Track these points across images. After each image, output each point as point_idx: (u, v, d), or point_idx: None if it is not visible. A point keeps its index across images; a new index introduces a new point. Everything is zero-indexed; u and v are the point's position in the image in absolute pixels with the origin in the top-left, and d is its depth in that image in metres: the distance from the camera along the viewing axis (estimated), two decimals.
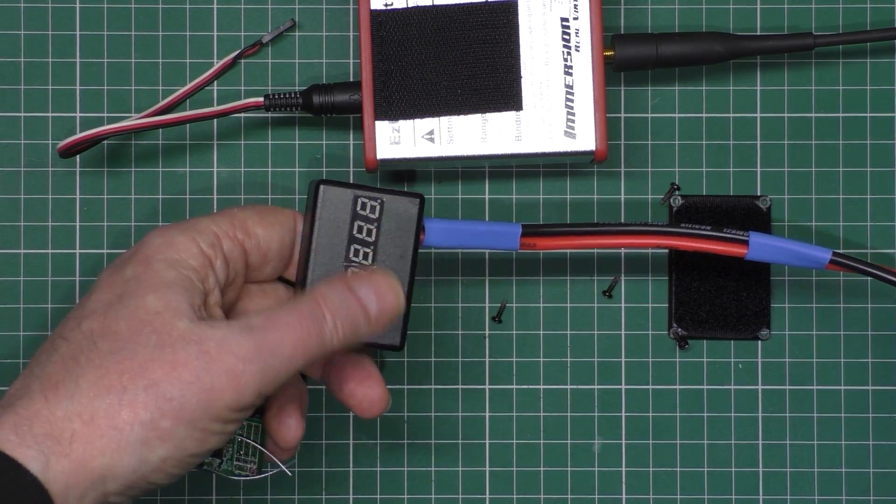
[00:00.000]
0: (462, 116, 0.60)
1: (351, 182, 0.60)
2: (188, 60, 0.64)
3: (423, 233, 0.56)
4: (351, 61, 0.64)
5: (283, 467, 0.57)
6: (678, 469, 0.65)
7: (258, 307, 0.57)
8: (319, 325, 0.51)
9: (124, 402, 0.49)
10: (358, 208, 0.55)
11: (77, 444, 0.49)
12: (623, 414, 0.64)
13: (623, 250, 0.65)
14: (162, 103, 0.63)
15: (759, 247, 0.58)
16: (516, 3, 0.60)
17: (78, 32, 0.64)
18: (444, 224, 0.57)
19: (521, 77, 0.60)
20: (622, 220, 0.64)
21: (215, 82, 0.64)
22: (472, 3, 0.60)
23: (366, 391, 0.56)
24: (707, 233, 0.59)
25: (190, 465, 0.51)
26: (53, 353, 0.51)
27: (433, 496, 0.65)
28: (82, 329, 0.51)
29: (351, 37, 0.64)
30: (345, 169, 0.64)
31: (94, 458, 0.49)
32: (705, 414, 0.65)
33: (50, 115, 0.64)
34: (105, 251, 0.64)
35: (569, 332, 0.65)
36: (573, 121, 0.60)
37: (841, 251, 0.61)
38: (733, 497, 0.65)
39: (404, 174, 0.64)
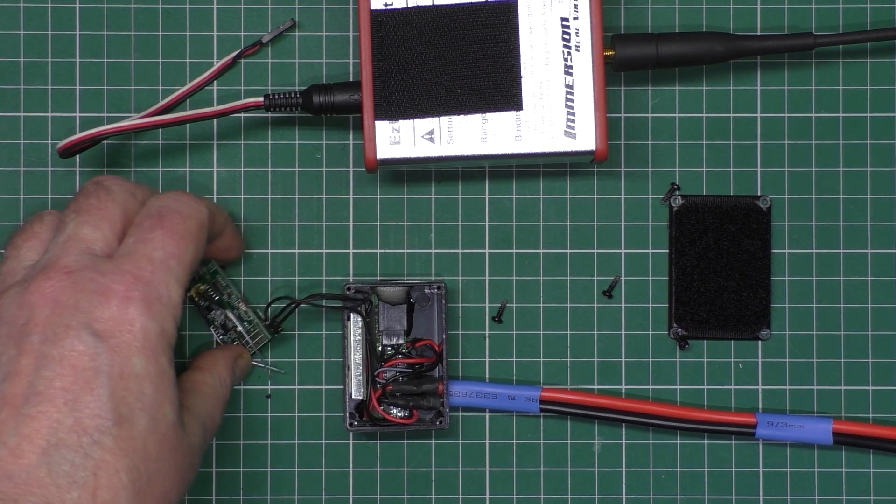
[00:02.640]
0: (462, 116, 0.60)
1: None
2: (188, 60, 0.64)
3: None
4: (351, 61, 0.64)
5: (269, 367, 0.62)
6: (678, 469, 0.65)
7: None
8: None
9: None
10: None
11: None
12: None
13: (623, 250, 0.65)
14: (162, 103, 0.63)
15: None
16: (516, 3, 0.60)
17: (78, 32, 0.64)
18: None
19: (521, 77, 0.60)
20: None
21: (215, 82, 0.64)
22: (472, 3, 0.60)
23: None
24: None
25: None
26: None
27: (433, 496, 0.64)
28: None
29: (351, 37, 0.64)
30: (345, 169, 0.64)
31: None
32: None
33: (50, 115, 0.64)
34: None
35: (569, 332, 0.65)
36: (573, 121, 0.60)
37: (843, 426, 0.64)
38: (733, 497, 0.65)
39: (403, 175, 0.65)
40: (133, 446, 0.50)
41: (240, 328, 0.62)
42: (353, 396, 0.63)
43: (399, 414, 0.63)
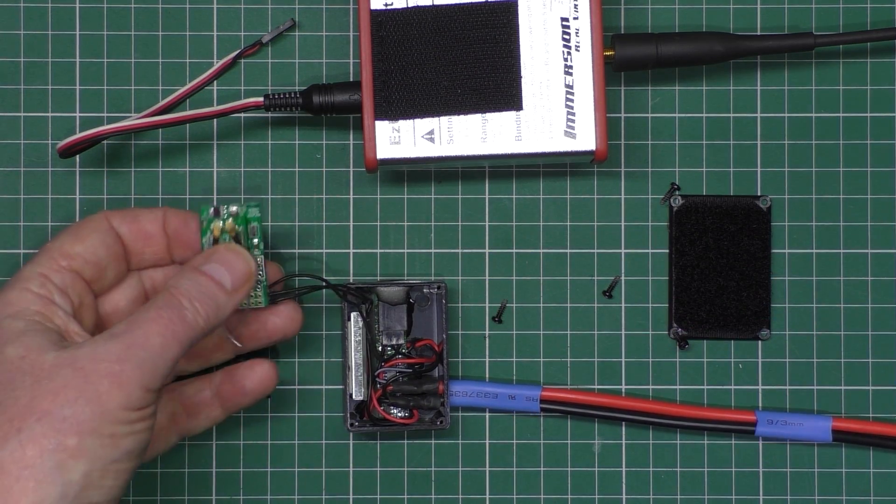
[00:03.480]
0: (462, 116, 0.60)
1: None
2: (188, 60, 0.64)
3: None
4: (351, 61, 0.64)
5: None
6: (678, 469, 0.65)
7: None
8: (179, 311, 0.54)
9: (24, 441, 0.50)
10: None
11: None
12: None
13: (623, 250, 0.65)
14: (162, 103, 0.63)
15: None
16: (516, 3, 0.60)
17: (78, 32, 0.64)
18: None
19: (521, 77, 0.60)
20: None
21: (215, 82, 0.64)
22: (472, 3, 0.60)
23: (252, 369, 0.60)
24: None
25: (120, 472, 0.52)
26: None
27: (433, 496, 0.64)
28: None
29: (351, 37, 0.64)
30: (345, 169, 0.64)
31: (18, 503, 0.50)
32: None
33: (50, 114, 0.64)
34: None
35: (569, 332, 0.65)
36: (573, 121, 0.60)
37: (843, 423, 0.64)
38: (733, 497, 0.65)
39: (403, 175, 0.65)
40: None
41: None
42: (353, 397, 0.63)
43: (399, 414, 0.63)
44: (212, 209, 0.59)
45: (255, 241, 0.59)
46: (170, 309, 0.54)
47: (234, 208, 0.59)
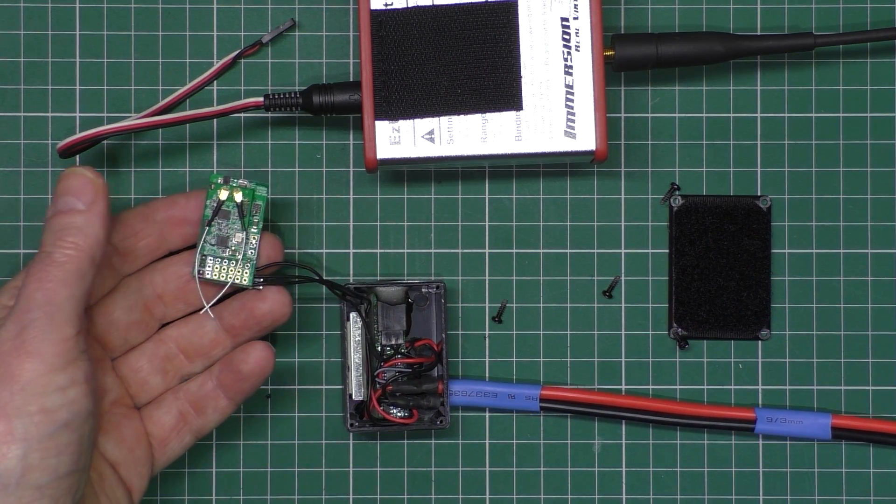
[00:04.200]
0: (462, 116, 0.60)
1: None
2: (188, 60, 0.64)
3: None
4: (351, 61, 0.64)
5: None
6: (678, 469, 0.65)
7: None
8: (43, 258, 0.54)
9: None
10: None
11: None
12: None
13: (623, 250, 0.65)
14: (162, 103, 0.63)
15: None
16: (516, 3, 0.60)
17: (78, 32, 0.64)
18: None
19: (521, 77, 0.60)
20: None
21: (215, 82, 0.64)
22: (472, 3, 0.60)
23: (246, 353, 0.59)
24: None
25: (62, 447, 0.51)
26: None
27: (433, 496, 0.65)
28: None
29: (351, 37, 0.64)
30: (345, 169, 0.64)
31: None
32: None
33: (50, 115, 0.64)
34: None
35: (569, 332, 0.65)
36: (573, 121, 0.60)
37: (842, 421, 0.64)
38: (733, 497, 0.65)
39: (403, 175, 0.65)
40: None
41: (239, 251, 0.60)
42: (353, 397, 0.63)
43: (399, 414, 0.63)
44: (221, 177, 0.59)
45: (256, 218, 0.60)
46: (37, 262, 0.54)
47: (244, 181, 0.60)
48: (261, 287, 0.60)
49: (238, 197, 0.60)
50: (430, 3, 0.60)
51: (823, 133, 0.65)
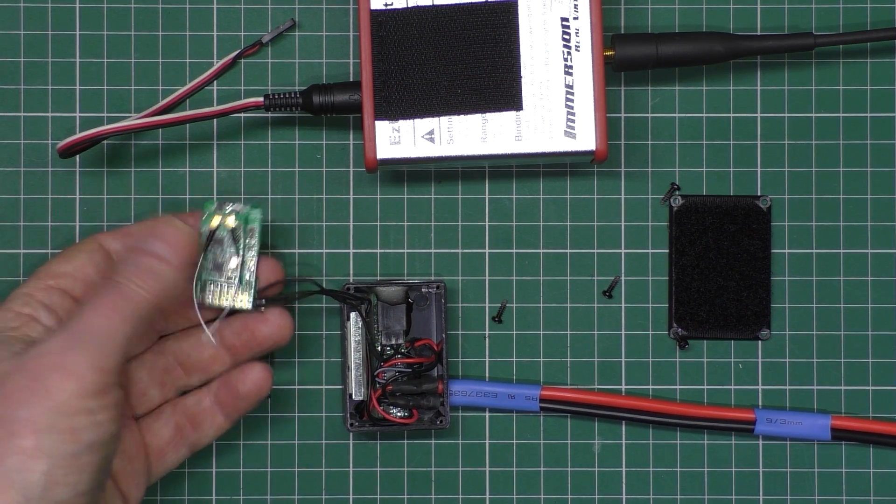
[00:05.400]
0: (462, 116, 0.60)
1: None
2: (188, 60, 0.64)
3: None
4: (351, 61, 0.64)
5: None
6: (678, 469, 0.65)
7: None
8: (117, 288, 0.54)
9: None
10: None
11: None
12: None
13: (623, 250, 0.65)
14: (162, 103, 0.63)
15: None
16: (516, 3, 0.60)
17: (78, 32, 0.64)
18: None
19: (521, 77, 0.60)
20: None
21: (215, 82, 0.64)
22: (472, 3, 0.60)
23: (244, 374, 0.60)
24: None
25: (85, 466, 0.52)
26: None
27: (433, 496, 0.65)
28: None
29: (351, 37, 0.64)
30: (345, 169, 0.64)
31: None
32: None
33: (50, 115, 0.64)
34: None
35: (569, 332, 0.65)
36: (573, 121, 0.60)
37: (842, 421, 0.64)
38: (733, 497, 0.65)
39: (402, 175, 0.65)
40: None
41: (234, 275, 0.60)
42: (353, 397, 0.63)
43: (399, 414, 0.63)
44: (216, 204, 0.59)
45: (252, 241, 0.59)
46: (107, 288, 0.54)
47: (238, 206, 0.59)
48: (262, 309, 0.60)
49: (231, 222, 0.59)
50: (430, 3, 0.60)
51: (823, 133, 0.65)
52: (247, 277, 0.59)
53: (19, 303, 0.56)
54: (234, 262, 0.60)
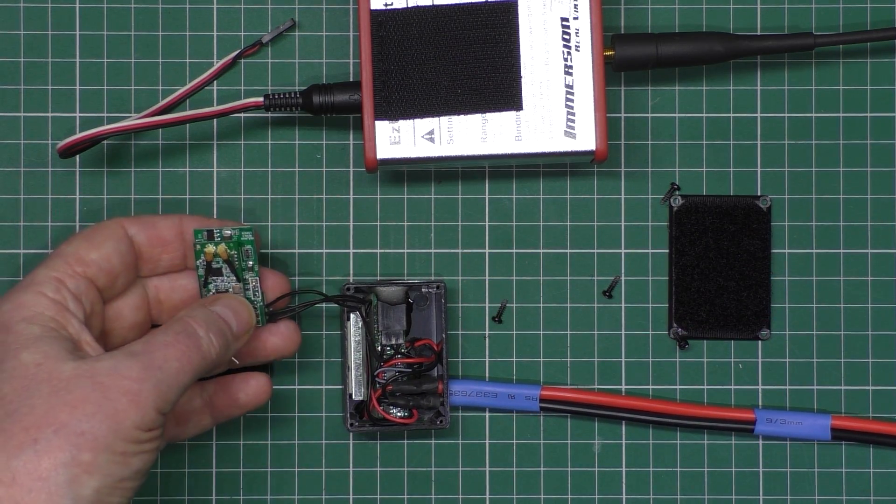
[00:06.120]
0: (462, 116, 0.60)
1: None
2: (188, 60, 0.64)
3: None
4: (351, 61, 0.64)
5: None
6: (678, 469, 0.65)
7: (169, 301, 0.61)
8: (195, 339, 0.55)
9: (40, 451, 0.50)
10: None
11: None
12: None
13: (623, 250, 0.65)
14: (162, 103, 0.63)
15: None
16: (516, 3, 0.60)
17: (78, 32, 0.64)
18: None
19: (521, 77, 0.60)
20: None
21: (215, 82, 0.64)
22: (472, 3, 0.60)
23: (246, 382, 0.61)
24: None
25: (125, 490, 0.52)
26: None
27: (433, 496, 0.65)
28: None
29: (351, 37, 0.64)
30: (345, 169, 0.64)
31: None
32: None
33: (50, 115, 0.64)
34: None
35: (569, 332, 0.65)
36: (573, 121, 0.60)
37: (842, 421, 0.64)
38: (733, 497, 0.65)
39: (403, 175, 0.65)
40: None
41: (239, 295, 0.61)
42: (353, 397, 0.63)
43: (399, 414, 0.63)
44: (205, 232, 0.59)
45: (250, 263, 0.59)
46: (187, 336, 0.55)
47: (227, 232, 0.59)
48: (276, 321, 0.61)
49: (224, 250, 0.59)
50: (430, 3, 0.60)
51: (823, 133, 0.65)
52: (252, 297, 0.59)
53: (51, 288, 0.55)
54: (236, 286, 0.60)
